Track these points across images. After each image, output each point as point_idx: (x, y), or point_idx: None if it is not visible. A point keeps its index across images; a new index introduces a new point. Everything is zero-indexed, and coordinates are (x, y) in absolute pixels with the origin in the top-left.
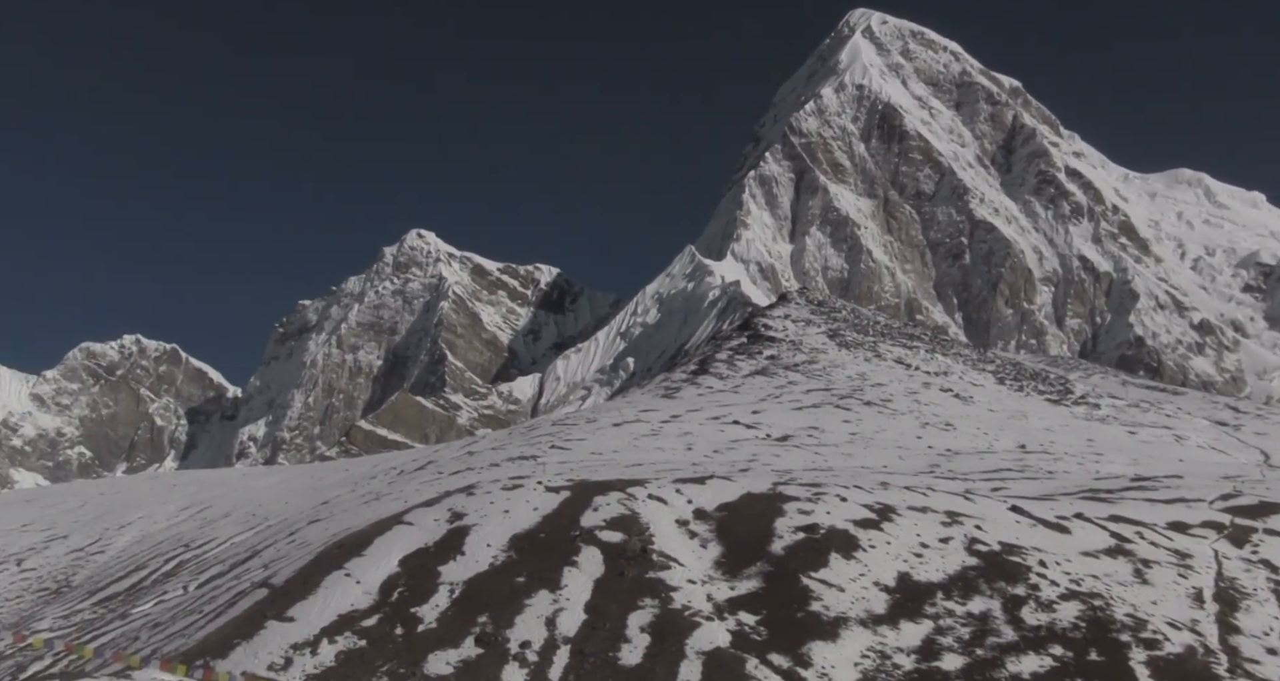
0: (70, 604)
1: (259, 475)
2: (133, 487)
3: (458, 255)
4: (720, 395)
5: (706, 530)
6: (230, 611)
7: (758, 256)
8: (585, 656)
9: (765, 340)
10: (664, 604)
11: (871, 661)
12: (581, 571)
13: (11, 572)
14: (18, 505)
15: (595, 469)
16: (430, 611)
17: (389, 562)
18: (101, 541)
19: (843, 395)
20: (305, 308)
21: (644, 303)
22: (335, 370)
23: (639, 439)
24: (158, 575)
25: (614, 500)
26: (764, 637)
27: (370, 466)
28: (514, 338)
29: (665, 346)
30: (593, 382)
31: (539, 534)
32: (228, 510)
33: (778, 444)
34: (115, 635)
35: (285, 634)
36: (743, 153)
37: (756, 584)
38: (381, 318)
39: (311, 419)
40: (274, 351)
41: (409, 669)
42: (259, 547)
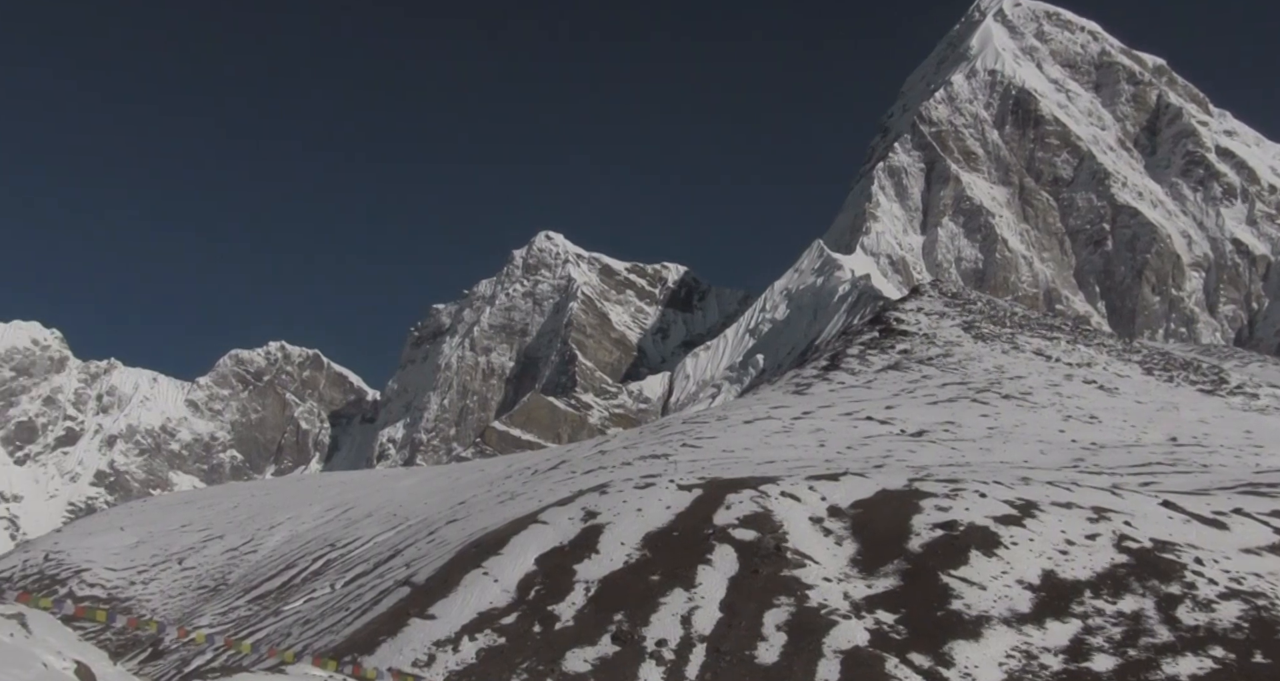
0: (227, 601)
1: (398, 476)
2: (281, 489)
3: (585, 256)
4: (852, 390)
5: (841, 527)
6: (375, 609)
7: (888, 249)
8: (722, 654)
9: (897, 334)
10: (800, 602)
11: (1017, 661)
12: (716, 569)
13: (174, 571)
14: (177, 506)
15: (727, 466)
16: (567, 609)
17: (525, 561)
18: (254, 541)
19: (979, 389)
20: (439, 311)
21: (772, 298)
22: (469, 372)
23: (770, 436)
24: (306, 573)
25: (747, 498)
26: (903, 636)
27: (505, 466)
28: (643, 336)
29: (795, 342)
30: (722, 380)
31: (672, 532)
32: (370, 510)
33: (912, 439)
34: (269, 631)
35: (428, 631)
36: (870, 145)
37: (894, 582)
38: (512, 319)
39: (447, 420)
40: (410, 355)
41: (548, 666)
42: (400, 546)
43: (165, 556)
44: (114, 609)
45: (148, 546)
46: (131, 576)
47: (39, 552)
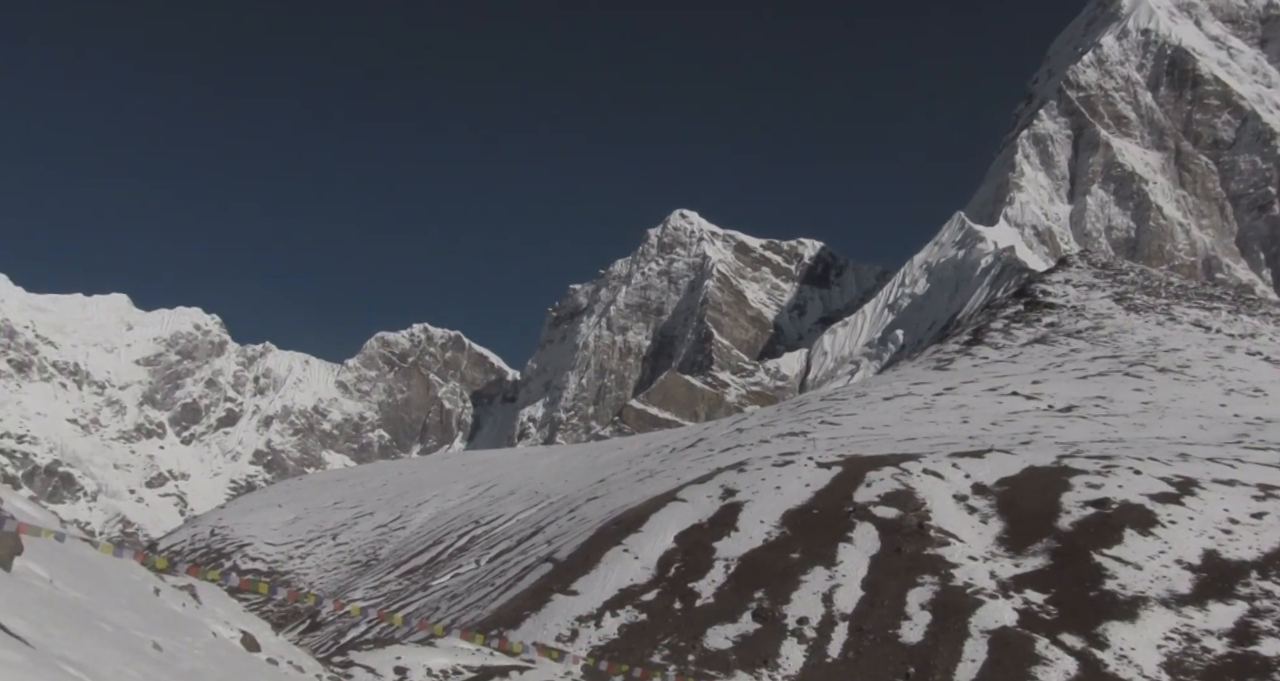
0: (379, 575)
1: (539, 454)
2: (427, 468)
3: (720, 233)
4: (996, 365)
5: (986, 505)
6: (519, 585)
7: (1033, 219)
8: (865, 633)
9: (1044, 307)
10: (944, 581)
11: (1177, 644)
12: (856, 547)
13: (329, 546)
14: (330, 484)
15: (867, 444)
16: (707, 586)
17: (665, 538)
18: (402, 518)
19: (1132, 362)
20: (576, 291)
21: (912, 273)
22: (606, 351)
23: (911, 412)
24: (452, 549)
25: (887, 475)
26: (1054, 617)
27: (643, 445)
28: (779, 313)
29: (936, 317)
30: (861, 356)
31: (811, 510)
32: (512, 488)
33: (1061, 415)
34: (419, 605)
35: (570, 606)
36: (1014, 112)
37: (1043, 561)
38: (648, 298)
39: (586, 399)
40: (548, 335)
41: (689, 643)
42: (542, 524)
43: (320, 532)
44: (275, 582)
45: (304, 522)
46: (289, 551)
47: (205, 528)
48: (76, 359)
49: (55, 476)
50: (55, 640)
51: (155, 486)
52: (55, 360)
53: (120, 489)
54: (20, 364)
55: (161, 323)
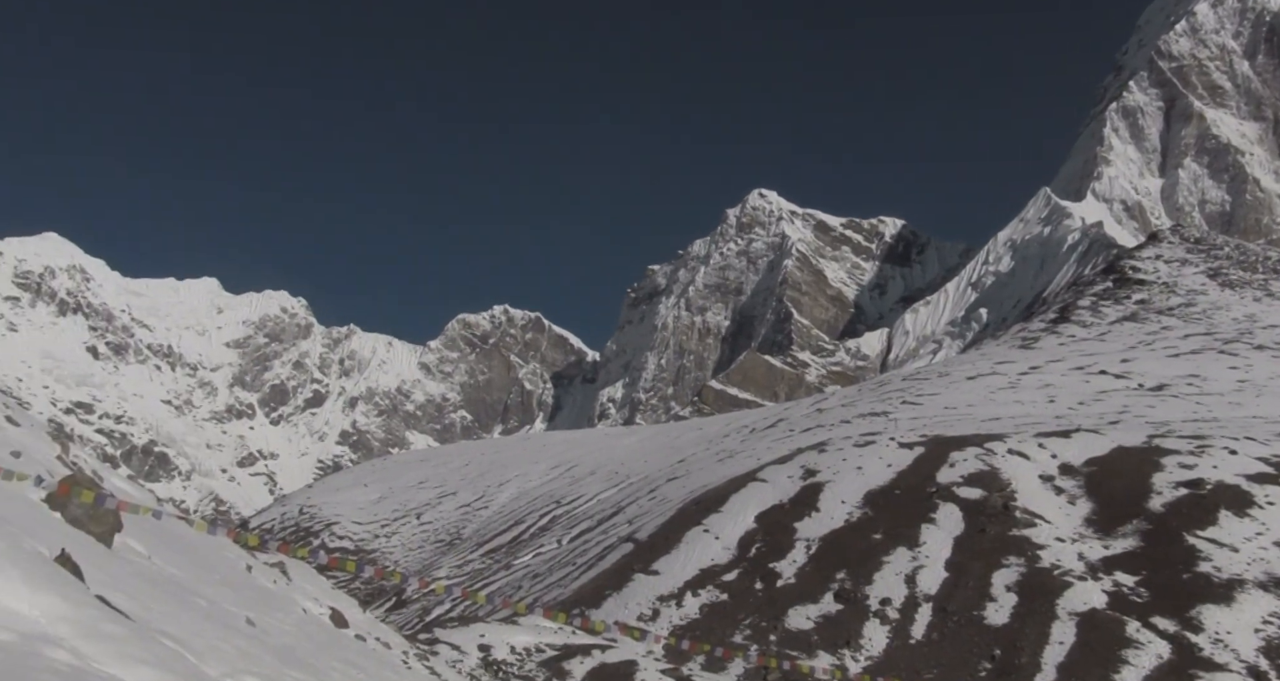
0: (462, 554)
1: (619, 435)
2: (508, 448)
3: (799, 212)
4: (1084, 344)
5: (1074, 486)
6: (600, 564)
7: (1122, 194)
8: (949, 614)
9: (1133, 283)
10: (1030, 562)
11: (1276, 629)
12: (940, 528)
13: (413, 525)
14: (414, 464)
15: (950, 424)
16: (788, 567)
17: (745, 519)
18: (485, 497)
19: (1227, 339)
20: (654, 272)
21: (996, 250)
22: (685, 332)
23: (995, 392)
24: (534, 529)
25: (971, 455)
26: (1145, 599)
27: (722, 425)
28: (859, 293)
29: (1021, 295)
30: (943, 335)
31: (893, 490)
32: (593, 468)
33: (1151, 394)
34: (501, 583)
35: (651, 586)
36: (1102, 84)
37: (1133, 542)
38: (727, 278)
39: (665, 380)
40: (627, 316)
41: (770, 623)
42: (622, 504)
43: (405, 511)
44: (361, 560)
45: (389, 502)
46: (375, 529)
47: (294, 506)
48: (170, 341)
49: (151, 456)
50: (154, 614)
51: (246, 466)
52: (150, 343)
53: (213, 468)
54: (118, 346)
55: (250, 306)
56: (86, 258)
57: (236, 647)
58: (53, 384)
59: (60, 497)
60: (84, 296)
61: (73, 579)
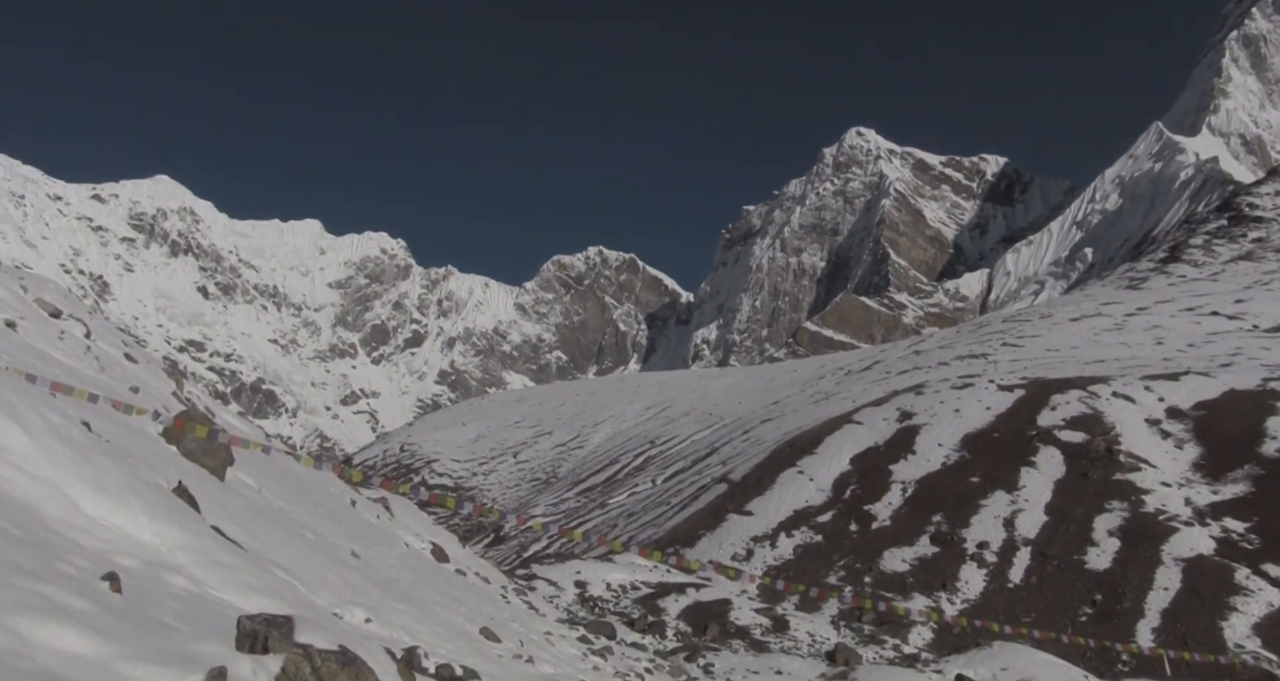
0: (558, 492)
1: (713, 377)
2: (603, 389)
3: (898, 151)
4: (1195, 284)
5: (1181, 429)
6: (694, 504)
7: (1240, 127)
8: (1048, 558)
9: (1250, 221)
10: (1134, 507)
11: None
12: (1040, 472)
13: (510, 464)
14: (511, 404)
15: (1051, 366)
16: (883, 509)
17: (840, 461)
18: (580, 437)
19: None
20: (749, 213)
21: (1103, 188)
22: (780, 273)
23: (1100, 334)
24: (628, 469)
25: (1074, 398)
26: (1256, 546)
27: (817, 367)
28: (959, 233)
29: (1128, 234)
30: (1046, 276)
31: (992, 433)
32: (686, 409)
33: (1267, 335)
34: (597, 522)
35: (745, 527)
36: (1222, 12)
37: (1244, 488)
38: (823, 219)
39: (759, 321)
40: (722, 257)
41: (865, 564)
42: (716, 444)
43: (502, 450)
44: (461, 497)
45: (486, 440)
46: (473, 467)
47: (395, 444)
48: (275, 282)
49: (259, 393)
50: (265, 545)
51: (349, 404)
52: (256, 283)
53: (317, 406)
54: (226, 287)
55: (351, 247)
56: (196, 200)
57: (343, 579)
58: (166, 322)
59: (176, 432)
60: (194, 238)
61: (189, 509)
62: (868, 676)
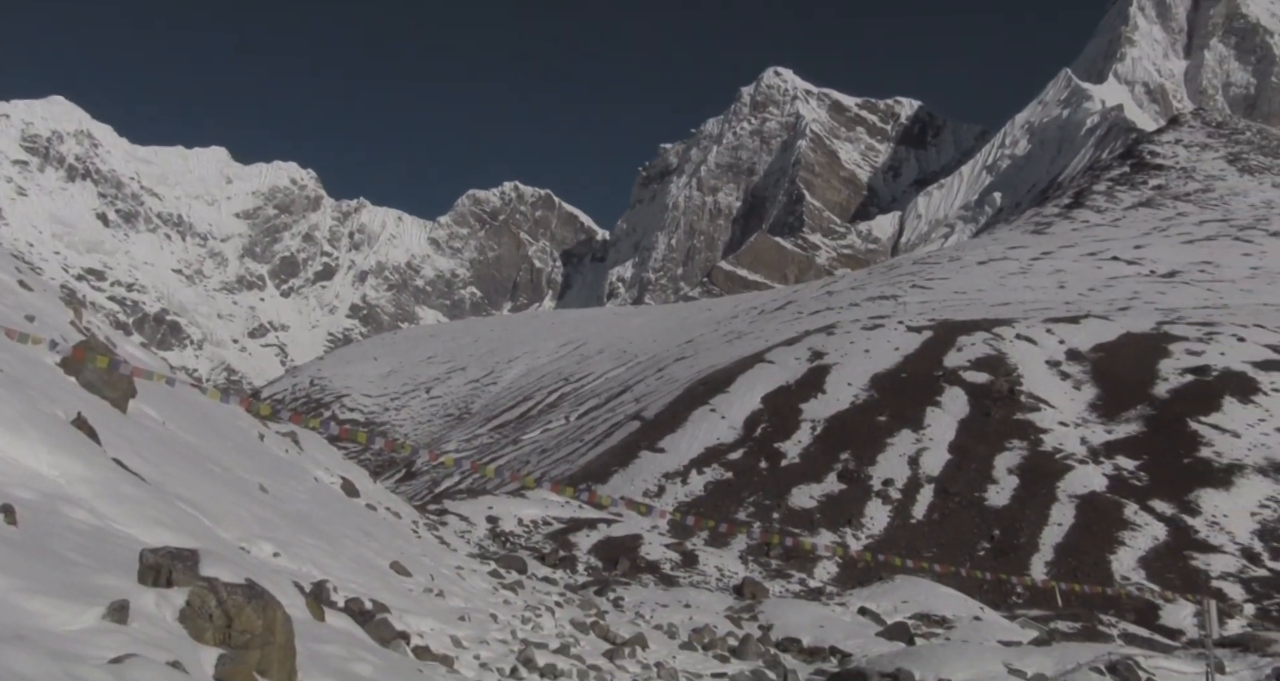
0: (471, 428)
1: (628, 315)
2: (518, 325)
3: (815, 92)
4: (1097, 229)
5: (1080, 371)
6: (607, 441)
7: (1145, 76)
8: (950, 495)
9: (1151, 168)
10: (1033, 446)
11: (1273, 511)
12: (945, 411)
13: (423, 399)
14: (424, 339)
15: (959, 308)
16: (793, 447)
17: (751, 399)
18: (493, 373)
19: (1243, 226)
20: (667, 151)
21: (1013, 133)
22: (696, 212)
23: (1006, 277)
24: (542, 405)
25: (979, 340)
26: (1145, 483)
27: (731, 306)
28: (873, 175)
29: (1036, 179)
30: (956, 219)
31: (900, 373)
32: (601, 347)
33: (1163, 280)
34: (509, 458)
35: (657, 463)
36: None
37: (1136, 428)
38: (739, 159)
39: (675, 260)
40: (638, 195)
41: (774, 501)
42: (630, 382)
43: (414, 385)
44: (372, 432)
45: (399, 376)
46: (385, 402)
47: (305, 378)
48: (179, 211)
49: (163, 324)
50: (170, 478)
51: (257, 337)
52: (160, 211)
53: (224, 338)
54: (127, 214)
55: (259, 176)
56: (94, 123)
57: (252, 513)
58: (64, 250)
59: (75, 362)
60: (92, 162)
61: (89, 442)
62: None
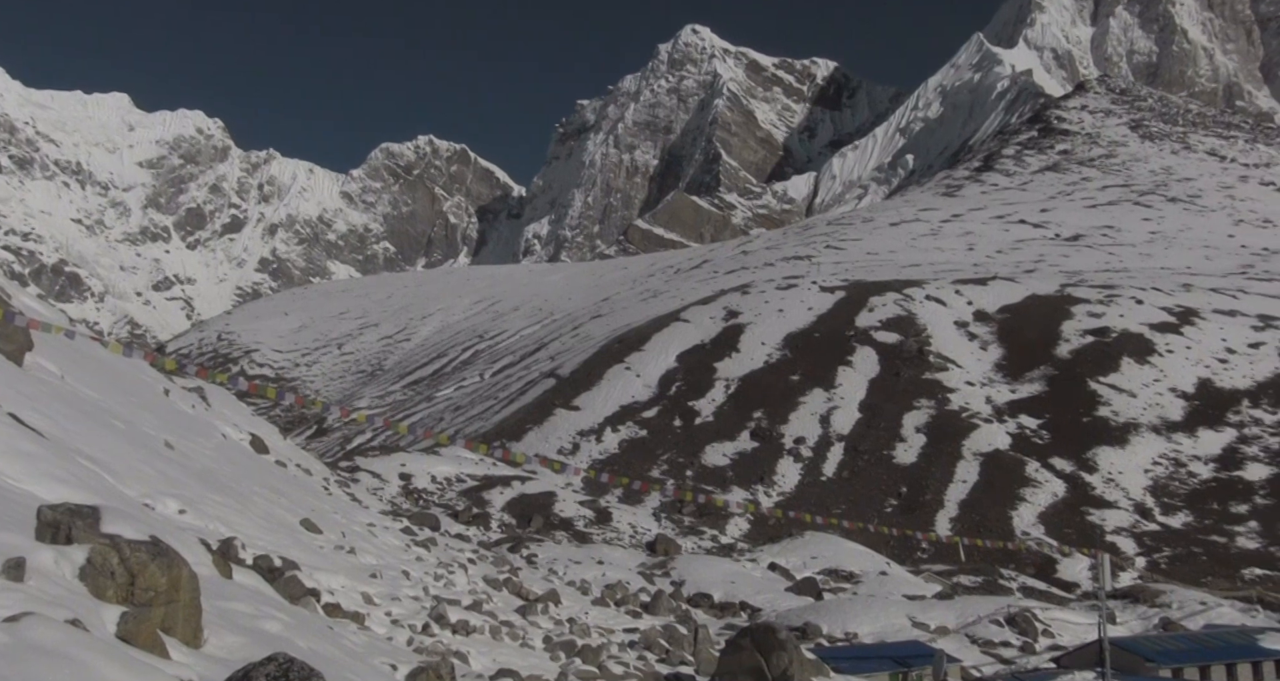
0: (384, 385)
1: (544, 272)
2: (432, 281)
3: (732, 51)
4: (1006, 193)
5: (987, 332)
6: (522, 398)
7: (1053, 42)
8: (860, 453)
9: (1058, 133)
10: (941, 405)
11: (1164, 468)
12: (856, 371)
13: (334, 355)
14: (336, 294)
15: (871, 269)
16: (707, 405)
17: (666, 358)
18: (407, 330)
19: (1143, 191)
20: (584, 108)
21: (925, 96)
22: (613, 170)
23: (917, 238)
24: (457, 363)
25: (890, 301)
26: (1046, 441)
27: (647, 265)
28: (789, 135)
29: (948, 142)
30: (869, 181)
31: (813, 333)
32: (516, 304)
33: (1067, 244)
34: (423, 415)
35: (572, 421)
36: None
37: (1039, 387)
38: (657, 117)
39: (591, 218)
40: (555, 151)
41: (688, 459)
42: (545, 340)
43: (326, 341)
44: (282, 388)
45: (310, 331)
46: (296, 358)
47: (213, 332)
48: (78, 158)
49: (62, 276)
50: (69, 434)
51: (161, 290)
52: (57, 159)
53: (127, 291)
54: (22, 161)
55: (164, 125)
56: None
57: (156, 470)
58: None
59: None
60: None
61: None
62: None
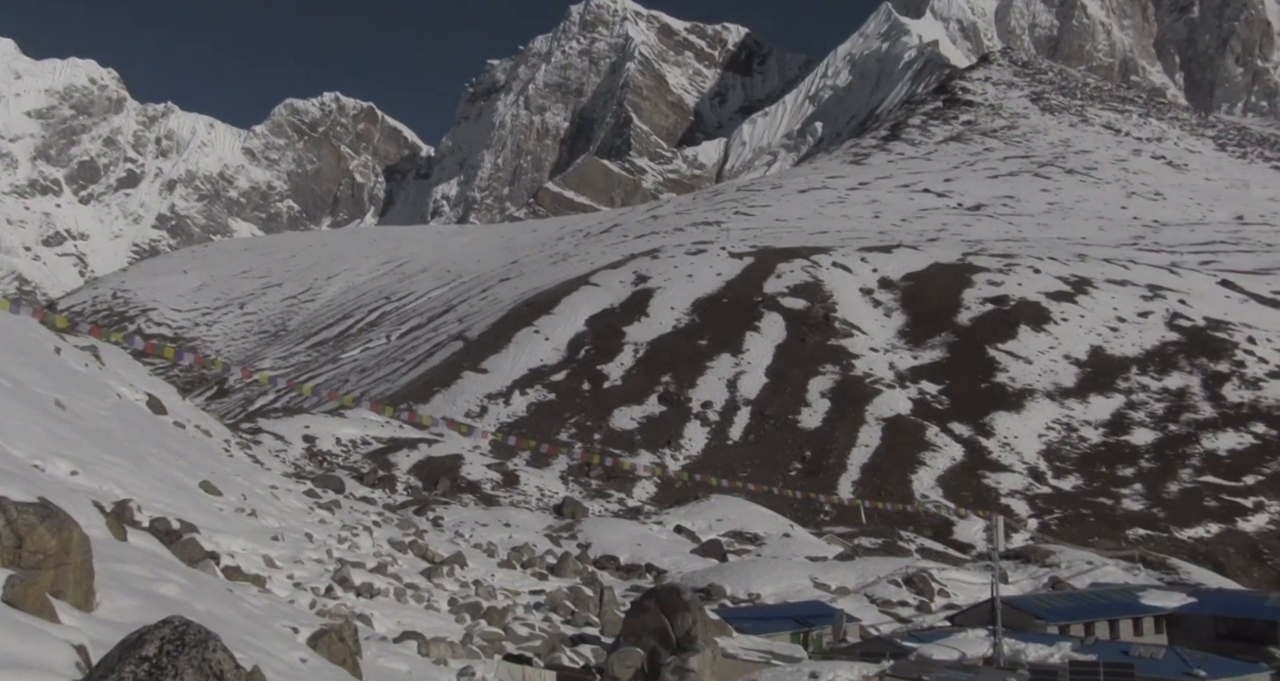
0: (288, 346)
1: (453, 233)
2: (338, 241)
3: (645, 14)
4: (911, 162)
5: (891, 299)
6: (429, 361)
7: (959, 13)
8: (766, 418)
9: (962, 104)
10: (845, 370)
11: (1057, 433)
12: (763, 336)
13: (235, 315)
14: (238, 253)
15: (779, 235)
16: (615, 369)
17: (576, 321)
18: (312, 290)
19: (1043, 163)
20: (494, 68)
21: (835, 64)
22: (523, 132)
23: (825, 206)
24: (362, 324)
25: (798, 267)
26: (946, 406)
27: (557, 228)
28: (700, 100)
29: (856, 111)
30: (779, 148)
31: (721, 298)
32: (424, 266)
33: (969, 213)
34: (328, 377)
35: (480, 384)
36: None
37: (940, 354)
38: (568, 79)
39: (501, 180)
40: (465, 111)
41: (596, 422)
42: (453, 302)
43: (227, 300)
44: (181, 347)
45: (210, 290)
46: (196, 317)
47: (107, 290)
48: None
49: None
50: None
51: (52, 245)
52: None
53: (15, 245)
54: None
55: (54, 73)
56: None
57: (46, 429)
58: None
59: None
60: None
61: None
62: (592, 528)
